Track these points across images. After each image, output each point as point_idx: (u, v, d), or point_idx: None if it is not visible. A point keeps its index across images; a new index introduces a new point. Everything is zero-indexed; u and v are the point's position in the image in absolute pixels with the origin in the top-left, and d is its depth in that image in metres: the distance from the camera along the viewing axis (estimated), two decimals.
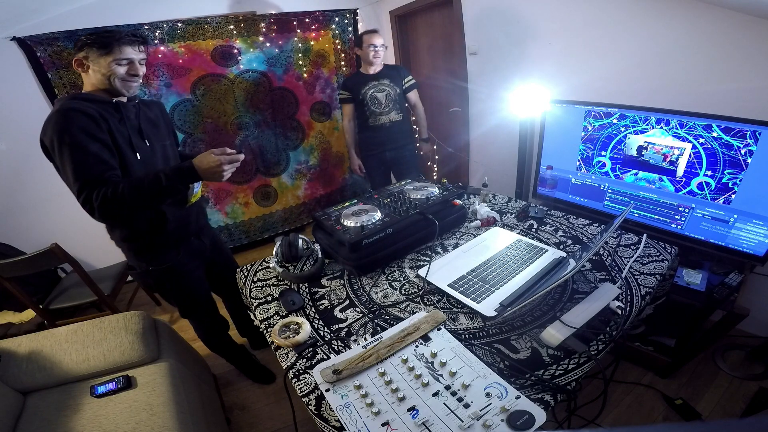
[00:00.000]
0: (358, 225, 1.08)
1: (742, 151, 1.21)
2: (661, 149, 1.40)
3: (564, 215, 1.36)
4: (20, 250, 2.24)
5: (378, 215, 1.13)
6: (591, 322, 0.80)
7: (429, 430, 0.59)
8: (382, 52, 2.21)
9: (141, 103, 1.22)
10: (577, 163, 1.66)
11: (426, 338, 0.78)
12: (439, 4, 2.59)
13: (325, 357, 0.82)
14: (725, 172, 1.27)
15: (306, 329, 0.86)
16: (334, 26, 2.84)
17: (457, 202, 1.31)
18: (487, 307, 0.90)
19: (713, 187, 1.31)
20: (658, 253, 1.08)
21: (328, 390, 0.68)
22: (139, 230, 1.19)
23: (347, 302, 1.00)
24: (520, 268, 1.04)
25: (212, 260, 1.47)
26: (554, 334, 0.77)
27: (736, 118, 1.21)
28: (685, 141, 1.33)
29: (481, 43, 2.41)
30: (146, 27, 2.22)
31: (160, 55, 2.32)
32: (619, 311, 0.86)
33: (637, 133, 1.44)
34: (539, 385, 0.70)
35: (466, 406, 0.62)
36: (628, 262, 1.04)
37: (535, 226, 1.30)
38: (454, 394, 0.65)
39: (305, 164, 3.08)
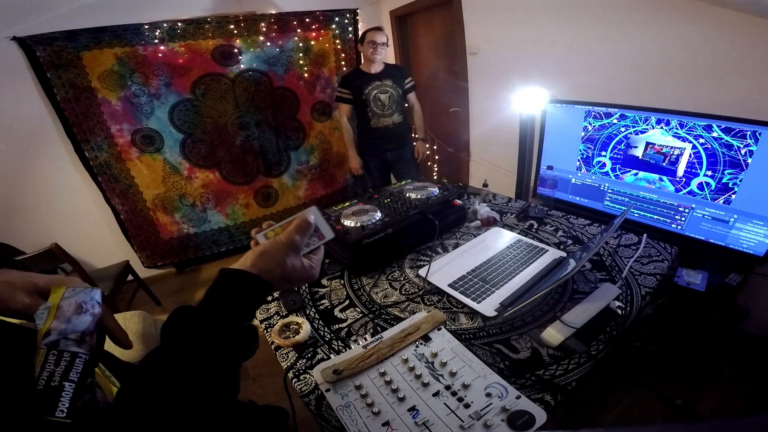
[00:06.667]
0: (359, 225, 1.08)
1: (742, 152, 1.21)
2: (661, 149, 1.40)
3: (564, 215, 1.36)
4: (20, 250, 2.24)
5: (378, 215, 1.13)
6: (591, 322, 0.80)
7: (429, 430, 0.59)
8: (383, 50, 2.20)
9: None
10: (577, 163, 1.66)
11: (426, 338, 0.78)
12: (439, 4, 2.59)
13: (325, 357, 0.82)
14: (725, 172, 1.27)
15: (306, 329, 0.86)
16: (334, 26, 2.84)
17: (458, 202, 1.31)
18: (488, 307, 0.90)
19: (713, 187, 1.31)
20: (658, 254, 1.08)
21: (328, 390, 0.68)
22: None
23: (347, 302, 1.00)
24: (521, 268, 1.04)
25: None
26: (554, 334, 0.77)
27: (736, 118, 1.21)
28: (685, 141, 1.33)
29: (481, 43, 2.41)
30: (146, 27, 2.23)
31: (160, 55, 2.32)
32: (620, 311, 0.86)
33: (637, 134, 1.44)
34: (539, 385, 0.70)
35: (467, 406, 0.62)
36: (628, 262, 1.04)
37: (535, 226, 1.30)
38: (454, 394, 0.65)
39: (306, 164, 3.08)
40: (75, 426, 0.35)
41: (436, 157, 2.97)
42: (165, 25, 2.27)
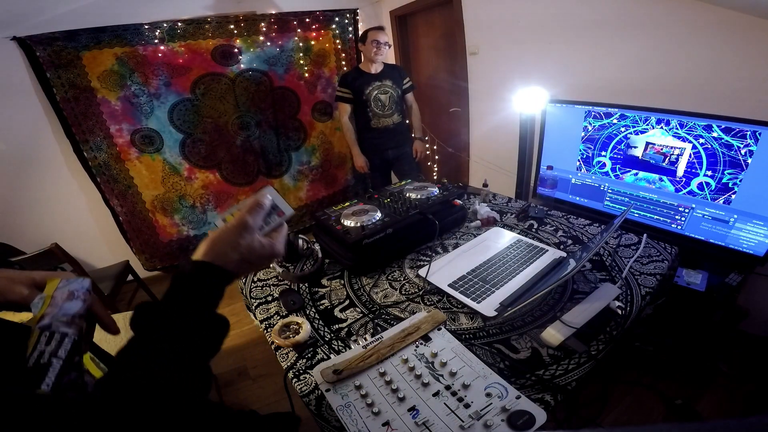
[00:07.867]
0: (359, 225, 1.08)
1: (742, 152, 1.21)
2: (661, 149, 1.40)
3: (564, 215, 1.36)
4: (20, 250, 2.24)
5: (378, 215, 1.13)
6: (591, 322, 0.80)
7: (429, 430, 0.59)
8: (385, 49, 2.20)
9: None
10: (577, 163, 1.65)
11: (426, 338, 0.78)
12: (439, 4, 2.59)
13: (325, 357, 0.82)
14: (725, 172, 1.26)
15: (306, 329, 0.86)
16: (334, 26, 2.84)
17: (458, 202, 1.31)
18: (488, 307, 0.90)
19: (713, 187, 1.31)
20: (658, 254, 1.08)
21: (328, 390, 0.68)
22: None
23: (347, 302, 1.00)
24: (521, 268, 1.04)
25: None
26: (554, 334, 0.77)
27: (736, 118, 1.21)
28: (685, 141, 1.33)
29: (481, 43, 2.41)
30: (146, 27, 2.23)
31: (159, 55, 2.32)
32: (620, 311, 0.86)
33: (637, 134, 1.44)
34: (539, 385, 0.70)
35: (467, 406, 0.62)
36: (628, 262, 1.04)
37: (535, 226, 1.30)
38: (454, 394, 0.65)
39: (307, 165, 3.07)
40: (58, 401, 0.36)
41: (436, 157, 2.97)
42: (165, 25, 2.27)
